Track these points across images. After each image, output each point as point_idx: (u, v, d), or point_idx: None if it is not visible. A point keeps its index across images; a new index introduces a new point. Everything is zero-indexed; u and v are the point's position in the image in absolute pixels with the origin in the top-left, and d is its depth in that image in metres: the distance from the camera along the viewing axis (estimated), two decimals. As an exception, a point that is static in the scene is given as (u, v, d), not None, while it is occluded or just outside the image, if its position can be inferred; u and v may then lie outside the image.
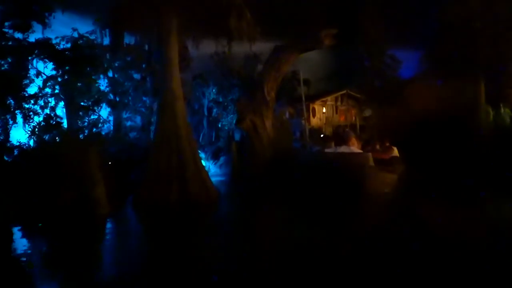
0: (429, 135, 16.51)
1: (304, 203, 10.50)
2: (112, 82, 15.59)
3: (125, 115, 16.26)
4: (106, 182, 9.95)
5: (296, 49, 11.80)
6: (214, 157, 15.62)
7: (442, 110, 17.83)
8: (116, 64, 15.59)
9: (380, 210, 10.12)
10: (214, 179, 12.72)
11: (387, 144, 12.06)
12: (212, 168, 15.10)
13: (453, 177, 12.80)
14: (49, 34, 12.46)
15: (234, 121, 14.62)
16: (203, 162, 14.32)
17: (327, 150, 11.54)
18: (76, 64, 12.00)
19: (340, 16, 11.00)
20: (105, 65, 15.25)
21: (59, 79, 12.25)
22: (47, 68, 12.49)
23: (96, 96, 13.87)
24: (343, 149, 11.32)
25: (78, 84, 12.41)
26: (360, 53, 19.56)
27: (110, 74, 15.70)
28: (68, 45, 12.65)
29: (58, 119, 12.09)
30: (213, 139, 18.11)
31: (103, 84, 15.28)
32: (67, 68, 12.01)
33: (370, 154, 11.17)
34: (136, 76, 15.91)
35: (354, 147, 11.01)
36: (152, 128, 14.30)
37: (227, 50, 11.36)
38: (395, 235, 7.75)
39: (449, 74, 17.24)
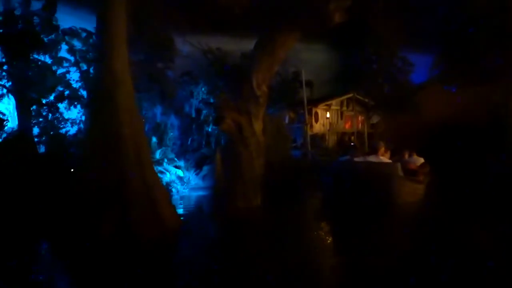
0: (450, 145, 14.85)
1: (315, 237, 7.72)
2: (85, 76, 13.48)
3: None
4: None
5: (296, 28, 8.94)
6: (197, 166, 13.36)
7: (462, 118, 16.29)
8: (90, 55, 13.49)
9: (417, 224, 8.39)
10: (193, 194, 10.46)
11: (415, 155, 10.71)
12: (192, 179, 12.82)
13: (483, 189, 11.45)
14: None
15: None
16: (181, 172, 12.14)
17: (356, 159, 9.99)
18: (12, 43, 9.65)
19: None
20: (78, 57, 13.26)
21: (5, 67, 10.02)
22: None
23: (61, 89, 11.63)
24: (371, 158, 9.81)
25: (29, 73, 10.11)
26: (369, 54, 18.00)
27: (85, 67, 13.62)
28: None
29: (1, 116, 9.79)
30: (204, 145, 16.01)
31: (74, 78, 13.22)
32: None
33: (399, 164, 9.75)
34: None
35: (383, 157, 9.79)
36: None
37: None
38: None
39: (471, 77, 15.32)
